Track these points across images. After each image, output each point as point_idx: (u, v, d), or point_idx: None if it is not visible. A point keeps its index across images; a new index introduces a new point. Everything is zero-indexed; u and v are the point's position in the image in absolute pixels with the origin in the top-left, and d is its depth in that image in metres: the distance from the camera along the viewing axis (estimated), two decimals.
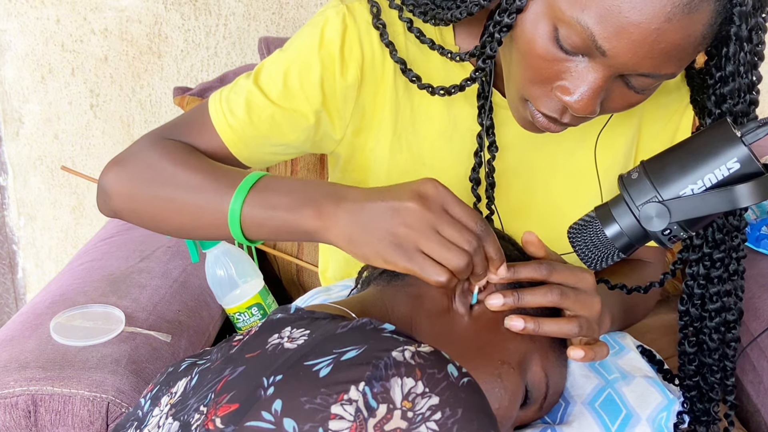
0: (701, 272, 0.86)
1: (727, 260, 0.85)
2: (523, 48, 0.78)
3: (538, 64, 0.78)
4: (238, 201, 0.81)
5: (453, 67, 0.94)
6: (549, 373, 0.82)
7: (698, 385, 0.92)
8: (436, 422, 0.57)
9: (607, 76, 0.76)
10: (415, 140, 0.96)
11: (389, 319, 0.80)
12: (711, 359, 0.89)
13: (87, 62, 1.90)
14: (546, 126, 0.83)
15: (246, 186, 0.82)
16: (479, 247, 0.74)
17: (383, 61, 0.92)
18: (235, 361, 0.68)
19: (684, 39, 0.72)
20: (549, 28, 0.75)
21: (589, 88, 0.76)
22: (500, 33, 0.80)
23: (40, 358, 1.02)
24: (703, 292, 0.87)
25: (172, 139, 0.94)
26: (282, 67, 0.92)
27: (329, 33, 0.90)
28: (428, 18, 0.89)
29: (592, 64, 0.75)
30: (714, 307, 0.87)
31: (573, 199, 0.99)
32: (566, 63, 0.76)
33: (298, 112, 0.92)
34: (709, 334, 0.88)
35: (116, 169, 0.92)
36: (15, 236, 2.08)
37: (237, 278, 1.24)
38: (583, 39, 0.73)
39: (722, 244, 0.85)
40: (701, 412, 0.92)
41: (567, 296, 0.79)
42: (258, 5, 1.85)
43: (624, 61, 0.73)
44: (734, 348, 0.89)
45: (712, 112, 0.82)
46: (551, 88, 0.79)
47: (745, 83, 0.79)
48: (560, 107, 0.80)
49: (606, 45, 0.72)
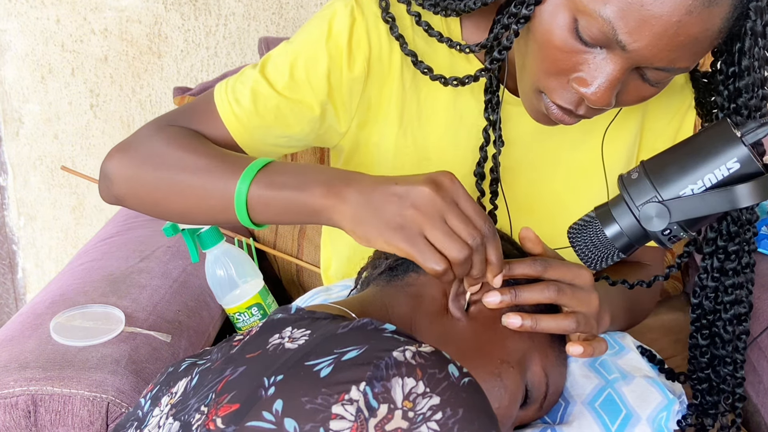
0: (715, 265, 0.87)
1: (741, 252, 0.87)
2: (541, 39, 0.78)
3: (556, 55, 0.78)
4: (245, 182, 0.80)
5: (459, 62, 0.94)
6: (549, 372, 0.82)
7: (709, 378, 0.92)
8: (437, 422, 0.58)
9: (625, 68, 0.76)
10: (420, 134, 0.96)
11: (389, 319, 0.81)
12: (724, 351, 0.90)
13: (87, 62, 1.90)
14: (560, 118, 0.83)
15: (254, 168, 0.81)
16: (481, 246, 0.74)
17: (390, 55, 0.92)
18: (235, 361, 0.68)
19: (702, 32, 0.73)
20: (568, 19, 0.75)
21: (607, 80, 0.76)
22: (518, 24, 0.80)
23: (40, 358, 1.02)
24: (716, 284, 0.88)
25: (177, 125, 0.93)
26: (289, 58, 0.92)
27: (337, 25, 0.90)
28: (439, 9, 0.89)
29: (611, 56, 0.76)
30: (728, 300, 0.88)
31: (577, 195, 1.00)
32: (584, 55, 0.77)
33: (304, 104, 0.92)
34: (723, 327, 0.89)
35: (119, 155, 0.91)
36: (15, 236, 2.08)
37: (237, 278, 1.24)
38: (604, 31, 0.73)
39: (737, 236, 0.86)
40: (710, 405, 0.93)
41: (564, 293, 0.79)
42: (258, 5, 1.85)
43: (643, 54, 0.74)
44: (744, 341, 0.90)
45: (725, 106, 0.83)
46: (568, 80, 0.79)
47: (759, 78, 0.80)
48: (576, 99, 0.80)
49: (626, 38, 0.73)
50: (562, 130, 0.94)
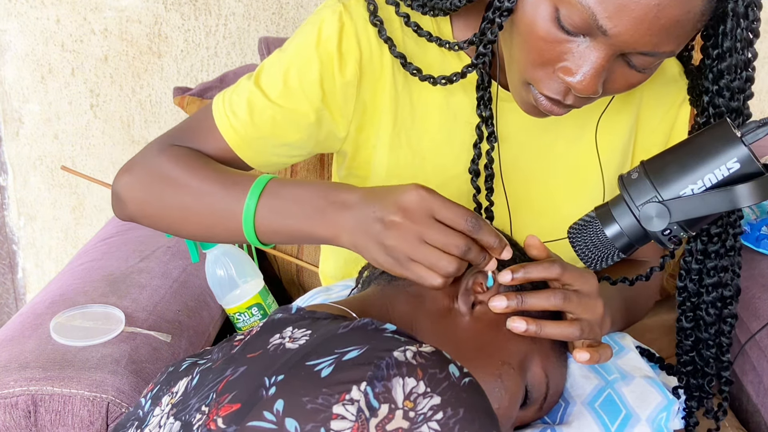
0: (699, 247, 0.88)
1: (724, 235, 0.88)
2: (524, 31, 0.79)
3: (540, 46, 0.78)
4: (250, 210, 0.84)
5: (450, 61, 0.94)
6: (549, 373, 0.82)
7: (693, 361, 0.94)
8: (438, 422, 0.58)
9: (609, 55, 0.76)
10: (414, 135, 0.96)
11: (390, 318, 0.81)
12: (707, 334, 0.91)
13: (87, 62, 1.90)
14: (549, 109, 0.83)
15: (255, 194, 0.84)
16: (470, 247, 0.76)
17: (381, 57, 0.92)
18: (236, 360, 0.68)
19: (684, 15, 0.73)
20: (550, 9, 0.76)
21: (592, 68, 0.77)
22: (501, 17, 0.81)
23: (40, 358, 1.02)
24: (700, 267, 0.89)
25: (178, 145, 0.95)
26: (281, 67, 0.93)
27: (326, 31, 0.91)
28: (427, 9, 0.90)
29: (594, 44, 0.76)
30: (711, 282, 0.89)
31: (573, 189, 1.00)
32: (568, 44, 0.77)
33: (299, 111, 0.92)
34: (706, 309, 0.91)
35: (128, 176, 0.94)
36: (15, 236, 2.08)
37: (237, 278, 1.24)
38: (584, 19, 0.74)
39: (719, 219, 0.87)
40: (695, 388, 0.94)
41: (570, 300, 0.79)
42: (258, 5, 1.85)
43: (625, 39, 0.74)
44: (731, 324, 0.91)
45: (709, 89, 0.84)
46: (553, 70, 0.79)
47: (742, 59, 0.81)
48: (563, 89, 0.80)
49: (607, 24, 0.73)
50: (556, 125, 0.94)
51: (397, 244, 0.75)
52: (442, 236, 0.74)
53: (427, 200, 0.75)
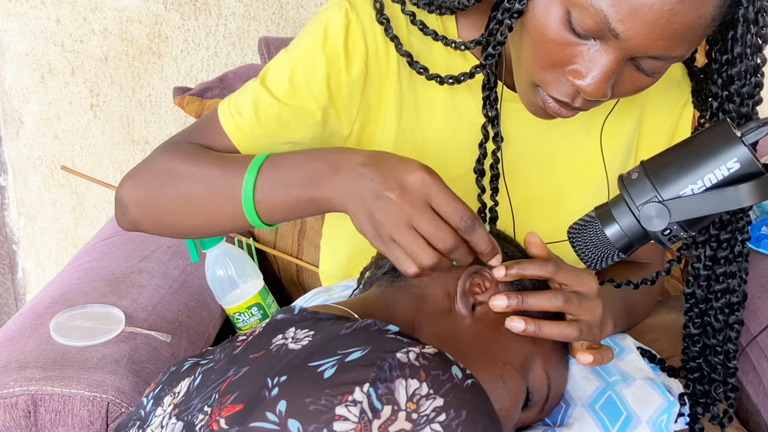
0: (708, 253, 0.88)
1: (733, 241, 0.87)
2: (535, 33, 0.79)
3: (550, 48, 0.78)
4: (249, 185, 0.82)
5: (456, 60, 0.94)
6: (551, 374, 0.82)
7: (700, 367, 0.93)
8: (441, 424, 0.58)
9: (619, 59, 0.76)
10: (419, 133, 0.96)
11: (392, 320, 0.80)
12: (715, 340, 0.91)
13: (87, 62, 1.90)
14: (557, 111, 0.83)
15: (254, 168, 0.82)
16: (457, 246, 0.74)
17: (387, 55, 0.92)
18: (239, 361, 0.68)
19: (695, 20, 0.73)
20: (561, 12, 0.76)
21: (602, 72, 0.77)
22: (511, 19, 0.80)
23: (40, 358, 1.02)
24: (709, 273, 0.89)
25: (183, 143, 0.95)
26: (288, 66, 0.93)
27: (333, 29, 0.91)
28: (433, 8, 0.90)
29: (605, 47, 0.76)
30: (720, 288, 0.89)
31: (577, 190, 1.00)
32: (578, 47, 0.77)
33: (305, 109, 0.92)
34: (714, 315, 0.90)
35: (130, 181, 0.93)
36: (15, 236, 2.08)
37: (237, 278, 1.24)
38: (597, 22, 0.74)
39: (729, 224, 0.87)
40: (702, 394, 0.93)
41: (571, 302, 0.79)
42: (258, 5, 1.85)
43: (636, 43, 0.74)
44: (737, 330, 0.90)
45: (718, 95, 0.84)
46: (563, 73, 0.79)
47: (751, 65, 0.81)
48: (572, 91, 0.80)
49: (619, 27, 0.73)
50: (561, 126, 0.94)
51: (385, 221, 0.73)
52: (431, 227, 0.72)
53: (428, 185, 0.73)
